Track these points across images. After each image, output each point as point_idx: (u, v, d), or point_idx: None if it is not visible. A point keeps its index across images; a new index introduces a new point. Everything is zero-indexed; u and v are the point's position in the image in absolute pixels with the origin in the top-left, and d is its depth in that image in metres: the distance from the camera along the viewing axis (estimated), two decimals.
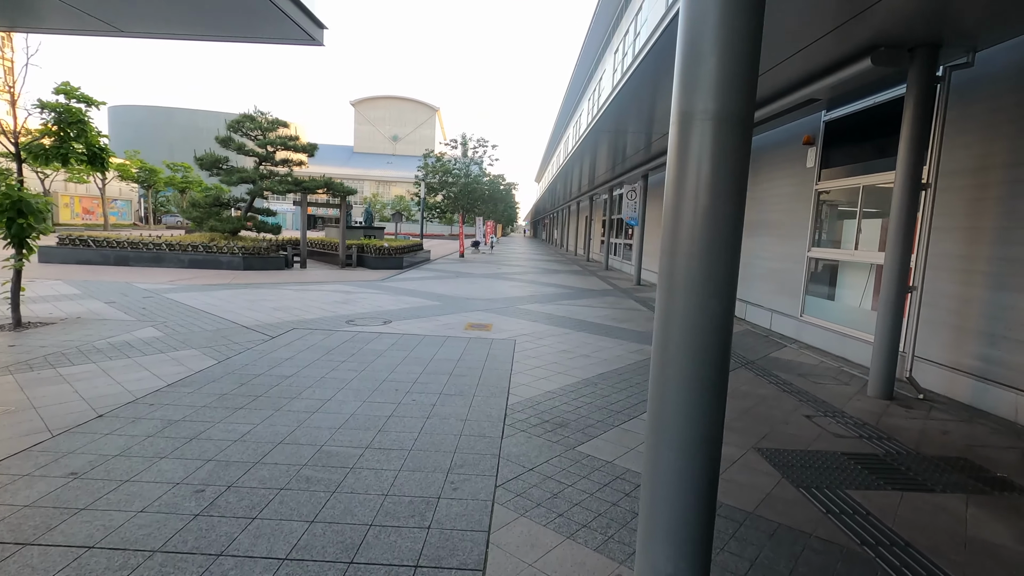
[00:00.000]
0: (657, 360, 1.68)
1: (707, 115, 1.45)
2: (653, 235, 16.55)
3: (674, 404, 1.61)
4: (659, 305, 1.63)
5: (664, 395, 1.65)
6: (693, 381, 1.57)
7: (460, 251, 24.30)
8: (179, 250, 14.25)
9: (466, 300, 10.63)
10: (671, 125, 1.58)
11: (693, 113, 1.48)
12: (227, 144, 15.16)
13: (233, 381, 4.90)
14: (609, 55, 24.43)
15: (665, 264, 1.61)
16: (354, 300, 9.93)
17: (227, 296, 9.76)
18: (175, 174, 54.38)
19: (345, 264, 16.47)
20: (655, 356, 1.70)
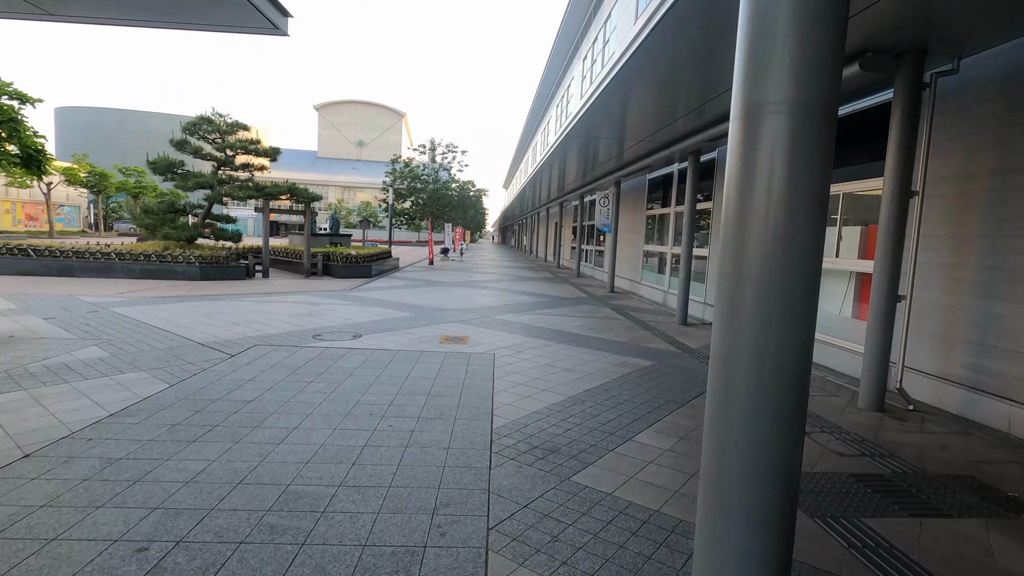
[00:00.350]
0: (716, 416, 1.37)
1: (781, 106, 1.18)
2: (625, 241, 16.49)
3: (739, 478, 1.31)
4: (719, 344, 1.34)
5: (725, 464, 1.34)
6: (763, 445, 1.27)
7: (429, 258, 23.82)
8: (130, 259, 13.38)
9: (439, 311, 10.24)
10: (732, 120, 1.31)
11: (763, 104, 1.20)
12: (183, 147, 14.36)
13: (186, 408, 4.40)
14: (577, 61, 24.42)
15: (726, 291, 1.32)
16: (321, 312, 9.41)
17: (182, 309, 9.11)
18: (128, 179, 52.03)
19: (310, 273, 15.82)
20: (712, 409, 1.40)
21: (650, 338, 8.42)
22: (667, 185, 13.81)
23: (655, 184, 14.79)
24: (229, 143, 14.61)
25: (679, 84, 7.68)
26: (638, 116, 9.61)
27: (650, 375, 6.08)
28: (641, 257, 15.49)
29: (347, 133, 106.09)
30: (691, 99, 8.13)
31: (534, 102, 38.76)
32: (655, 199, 14.80)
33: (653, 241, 14.71)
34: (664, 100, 8.48)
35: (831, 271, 7.21)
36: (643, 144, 11.15)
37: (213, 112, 14.43)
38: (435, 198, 24.02)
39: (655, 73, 7.44)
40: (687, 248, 10.04)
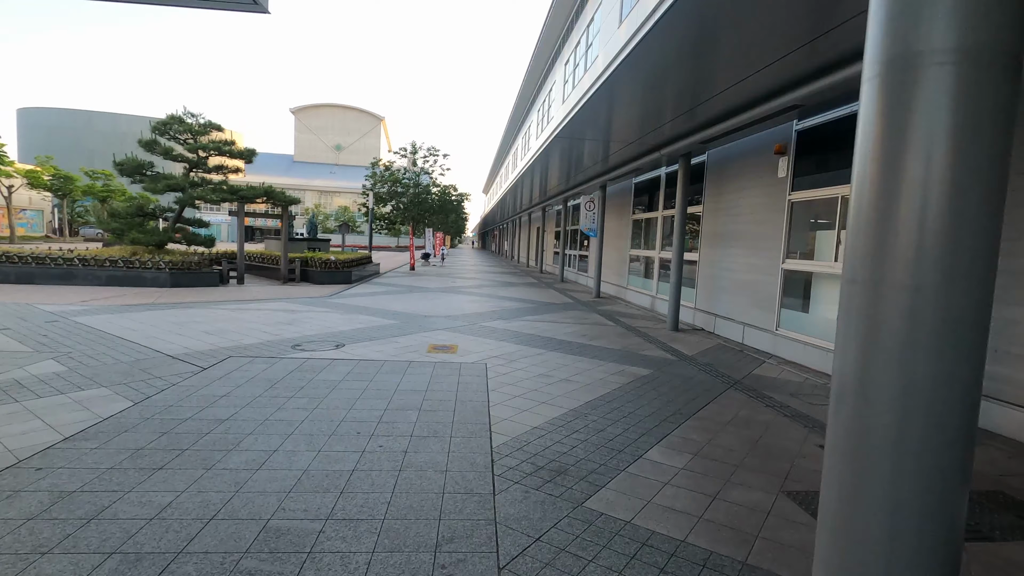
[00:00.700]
0: (843, 471, 1.05)
1: (948, 55, 0.89)
2: (611, 246, 16.32)
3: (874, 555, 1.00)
4: (847, 374, 1.03)
5: (855, 533, 1.02)
6: (911, 510, 0.97)
7: (411, 264, 23.36)
8: (95, 265, 12.69)
9: (424, 318, 9.86)
10: (867, 81, 1.02)
11: (919, 56, 0.91)
12: (152, 148, 13.72)
13: (152, 430, 3.98)
14: (559, 66, 24.32)
15: (859, 304, 1.01)
16: (300, 320, 8.96)
17: (150, 318, 8.57)
18: (95, 182, 50.30)
19: (288, 279, 15.26)
20: (838, 460, 1.08)
21: (643, 345, 8.18)
22: (654, 189, 13.68)
23: (641, 188, 14.66)
24: (202, 144, 14.00)
25: (670, 87, 7.49)
26: (626, 120, 9.42)
27: (650, 385, 5.82)
28: (627, 262, 15.32)
29: (324, 137, 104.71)
30: (682, 102, 7.96)
31: (514, 107, 38.63)
32: (641, 203, 14.66)
33: (640, 246, 14.56)
34: (653, 104, 8.30)
35: (829, 276, 7.07)
36: (631, 147, 10.98)
37: (185, 111, 13.83)
38: (416, 202, 23.57)
39: (646, 77, 7.25)
40: (678, 253, 9.86)
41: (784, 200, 7.89)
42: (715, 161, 10.19)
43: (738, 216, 9.28)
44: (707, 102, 7.65)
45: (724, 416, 4.85)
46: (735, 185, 9.42)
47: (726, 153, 9.81)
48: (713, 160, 10.26)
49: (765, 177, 8.42)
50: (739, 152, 9.29)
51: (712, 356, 7.58)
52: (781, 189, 7.99)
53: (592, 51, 15.96)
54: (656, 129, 9.47)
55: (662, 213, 12.76)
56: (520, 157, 36.88)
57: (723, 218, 9.82)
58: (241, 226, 14.03)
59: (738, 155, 9.33)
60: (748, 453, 4.01)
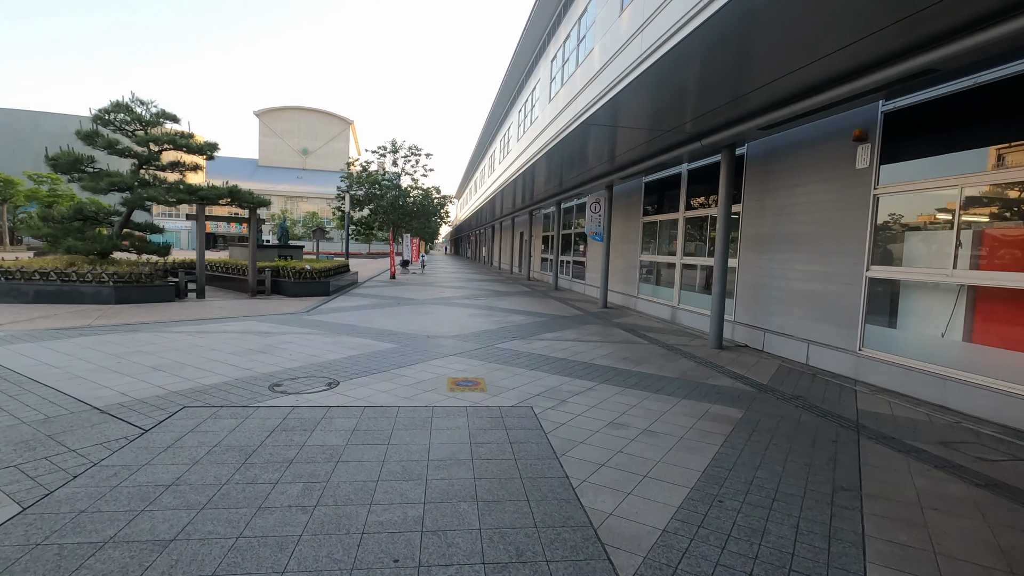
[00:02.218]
0: None
1: None
2: (618, 251, 14.97)
3: None
4: None
5: None
6: None
7: (391, 272, 21.56)
8: (20, 279, 10.61)
9: (427, 339, 8.24)
10: None
11: None
12: (93, 141, 11.70)
13: (47, 565, 2.31)
14: (544, 63, 23.03)
15: None
16: (276, 346, 7.24)
17: (82, 347, 6.72)
18: (39, 186, 46.66)
19: (256, 291, 13.37)
20: None
21: (700, 370, 6.77)
22: (670, 188, 12.39)
23: (654, 188, 13.37)
24: (153, 136, 12.03)
25: (733, 66, 6.14)
26: (668, 107, 8.02)
27: (759, 435, 4.37)
28: (637, 268, 13.99)
29: (291, 141, 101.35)
30: (738, 86, 6.62)
31: (491, 112, 37.16)
32: (653, 204, 13.36)
33: (653, 250, 13.24)
34: (709, 87, 6.92)
35: (925, 286, 5.77)
36: (660, 139, 9.61)
37: (133, 98, 11.85)
38: (396, 206, 21.78)
39: (711, 55, 5.86)
40: (721, 259, 8.52)
41: (867, 195, 6.61)
42: (758, 154, 8.92)
43: (793, 216, 7.99)
44: (775, 81, 6.32)
45: (904, 493, 3.43)
46: (788, 180, 8.15)
47: (771, 145, 8.55)
48: (755, 153, 8.99)
49: (836, 169, 7.15)
50: (792, 142, 8.02)
51: (791, 384, 6.21)
52: (862, 182, 6.71)
53: (585, 44, 14.63)
54: (696, 117, 8.13)
55: (684, 214, 11.45)
56: (498, 161, 35.39)
57: (770, 218, 8.54)
58: (202, 232, 12.11)
59: (790, 145, 8.06)
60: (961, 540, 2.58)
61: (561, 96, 14.59)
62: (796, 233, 7.92)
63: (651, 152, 10.87)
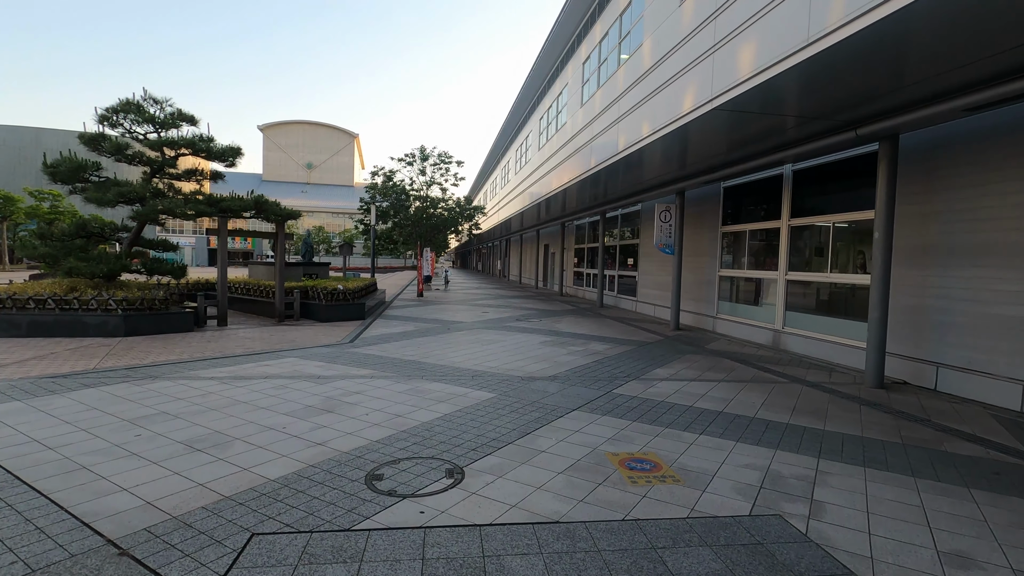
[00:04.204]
0: None
1: None
2: (691, 266, 13.26)
3: None
4: None
5: None
6: None
7: (419, 290, 19.84)
8: (12, 308, 8.91)
9: (521, 381, 6.52)
10: None
11: None
12: (98, 145, 10.07)
13: None
14: (572, 65, 21.59)
15: None
16: (342, 399, 5.51)
17: (87, 407, 5.00)
18: (40, 203, 45.21)
19: (284, 316, 11.67)
20: None
21: (906, 426, 5.04)
22: (763, 192, 10.73)
23: (738, 192, 11.71)
24: (169, 139, 10.40)
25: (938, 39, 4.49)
26: (835, 89, 6.32)
27: None
28: (716, 285, 12.29)
29: (295, 155, 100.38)
30: (950, 58, 4.96)
31: (505, 123, 35.82)
32: (738, 211, 11.70)
33: (736, 264, 11.55)
34: (910, 61, 5.26)
35: None
36: (797, 128, 7.90)
37: (145, 96, 10.23)
38: (424, 218, 20.09)
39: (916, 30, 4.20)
40: (882, 276, 6.82)
41: None
42: (915, 147, 7.26)
43: (986, 221, 6.31)
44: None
45: None
46: (969, 178, 6.48)
47: (933, 136, 6.91)
48: (911, 146, 7.32)
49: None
50: (976, 131, 6.37)
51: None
52: None
53: (632, 38, 13.05)
54: (862, 101, 6.46)
55: (789, 222, 9.77)
56: (512, 173, 33.85)
57: (938, 225, 6.86)
58: (223, 248, 10.42)
59: (972, 136, 6.41)
60: None
61: (632, 96, 13.03)
62: (992, 243, 6.23)
63: (763, 149, 9.20)
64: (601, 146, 15.81)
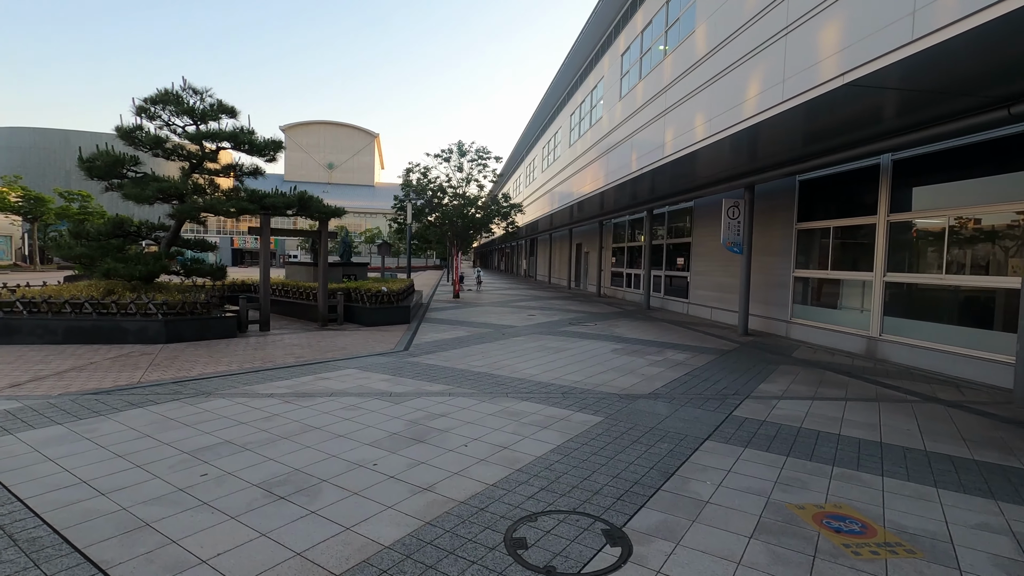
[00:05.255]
0: None
1: None
2: (760, 266, 12.25)
3: None
4: None
5: None
6: None
7: (455, 291, 19.09)
8: (47, 312, 8.32)
9: (619, 399, 5.66)
10: None
11: None
12: (134, 138, 9.46)
13: None
14: (609, 58, 20.63)
15: None
16: (427, 423, 4.72)
17: (137, 435, 4.28)
18: (70, 204, 45.56)
19: (327, 320, 10.97)
20: None
21: None
22: (850, 186, 9.73)
23: (818, 186, 10.70)
24: (210, 132, 9.75)
25: None
26: None
27: None
28: (790, 287, 11.29)
29: (316, 155, 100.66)
30: None
31: (531, 120, 34.92)
32: (818, 207, 10.69)
33: (819, 265, 10.53)
34: None
35: None
36: (934, 105, 6.91)
37: (184, 86, 9.57)
38: (461, 216, 19.30)
39: None
40: None
41: None
42: None
43: None
44: None
45: None
46: None
47: None
48: None
49: None
50: None
51: None
52: None
53: (681, 27, 12.11)
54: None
55: (888, 218, 8.76)
56: (539, 171, 32.91)
57: None
58: (266, 249, 9.75)
59: None
60: None
61: (685, 86, 12.17)
62: None
63: (867, 136, 8.21)
64: (645, 140, 14.91)
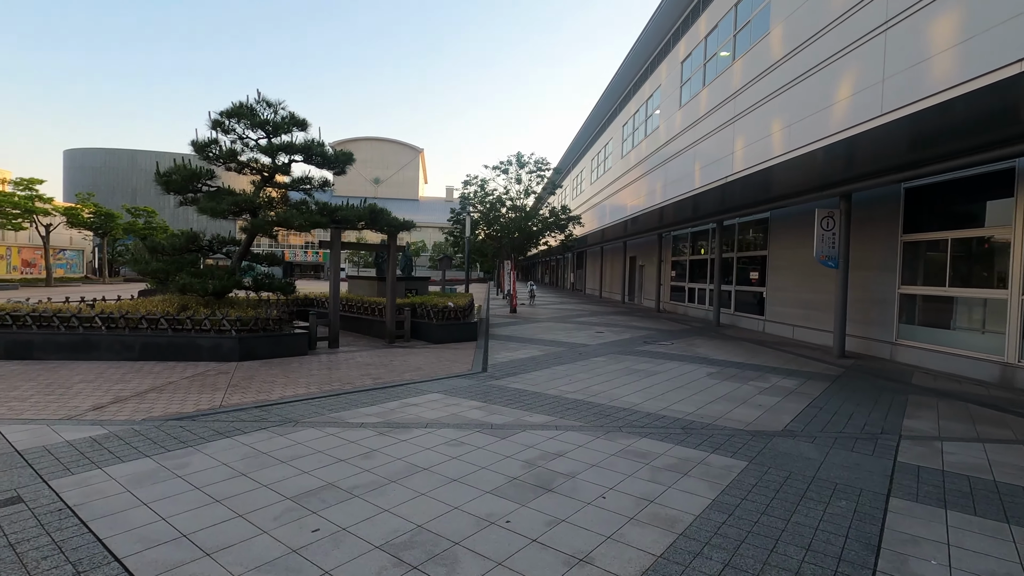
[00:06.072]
0: None
1: None
2: (857, 282, 11.19)
3: None
4: None
5: None
6: None
7: (513, 305, 18.58)
8: (124, 328, 8.21)
9: (756, 437, 4.92)
10: None
11: None
12: (208, 152, 9.38)
13: None
14: (666, 65, 19.92)
15: None
16: (554, 472, 4.11)
17: (227, 473, 3.85)
18: (136, 219, 47.80)
19: (395, 337, 10.59)
20: None
21: None
22: (973, 192, 8.69)
23: (926, 193, 9.66)
24: (284, 144, 9.59)
25: None
26: None
27: None
28: (894, 304, 10.22)
29: (363, 170, 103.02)
30: None
31: (576, 138, 34.35)
32: (926, 216, 9.65)
33: (936, 281, 9.44)
34: None
35: None
36: None
37: (259, 99, 9.46)
38: (520, 229, 18.81)
39: None
40: None
41: None
42: None
43: None
44: None
45: None
46: None
47: None
48: None
49: None
50: None
51: None
52: None
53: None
54: None
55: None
56: (587, 182, 32.18)
57: None
58: (336, 263, 9.46)
59: None
60: None
61: (759, 90, 11.40)
62: None
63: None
64: (710, 150, 14.14)
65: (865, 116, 7.64)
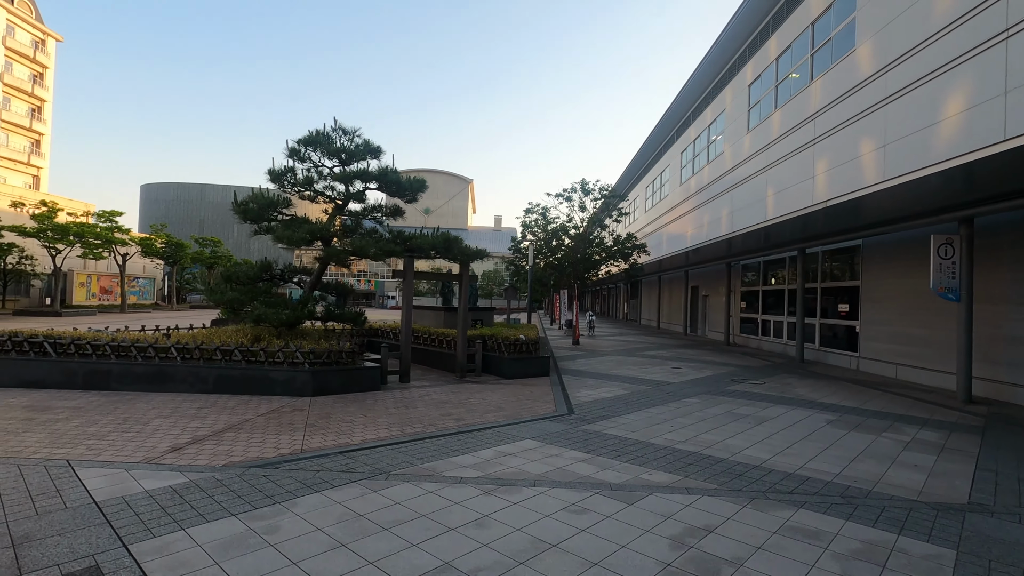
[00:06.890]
0: None
1: None
2: (982, 317, 9.92)
3: None
4: None
5: None
6: None
7: (576, 336, 17.83)
8: (200, 359, 8.01)
9: (942, 513, 4.02)
10: None
11: None
12: (283, 181, 9.28)
13: None
14: (730, 90, 19.17)
15: None
16: (716, 558, 3.35)
17: (325, 543, 3.31)
18: (203, 249, 50.17)
19: (466, 371, 10.05)
20: None
21: None
22: None
23: None
24: (359, 172, 9.42)
25: None
26: None
27: None
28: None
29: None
30: None
31: (629, 166, 33.67)
32: None
33: None
34: None
35: None
36: None
37: (335, 127, 9.37)
38: (585, 260, 18.21)
39: None
40: None
41: None
42: None
43: None
44: None
45: None
46: None
47: None
48: None
49: None
50: None
51: None
52: None
53: None
54: None
55: None
56: (641, 210, 31.26)
57: None
58: (409, 293, 9.08)
59: None
60: None
61: (840, 112, 10.50)
62: None
63: None
64: (785, 174, 13.23)
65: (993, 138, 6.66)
